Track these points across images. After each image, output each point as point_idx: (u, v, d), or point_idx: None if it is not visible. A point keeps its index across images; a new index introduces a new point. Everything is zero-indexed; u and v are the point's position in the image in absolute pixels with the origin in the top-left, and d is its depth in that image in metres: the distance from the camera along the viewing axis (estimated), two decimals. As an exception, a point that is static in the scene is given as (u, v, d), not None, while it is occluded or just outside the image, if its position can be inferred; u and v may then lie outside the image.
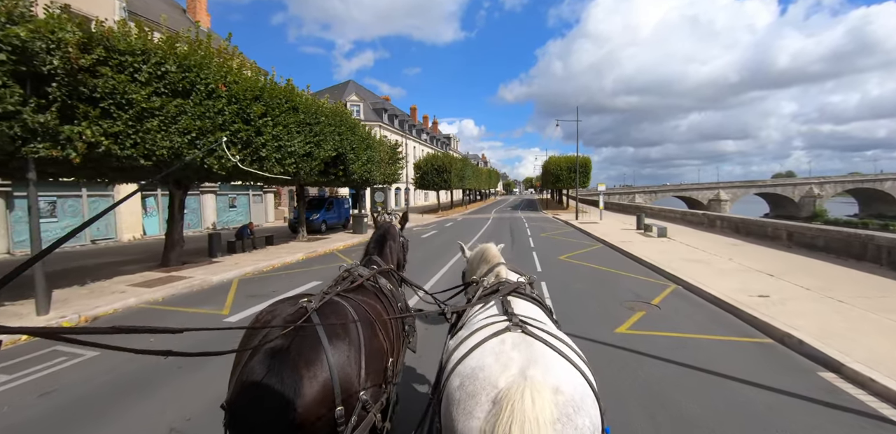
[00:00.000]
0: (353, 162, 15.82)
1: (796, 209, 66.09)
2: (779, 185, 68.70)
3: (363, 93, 48.46)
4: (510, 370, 1.57)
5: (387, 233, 3.40)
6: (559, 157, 40.28)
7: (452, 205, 46.50)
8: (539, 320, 2.00)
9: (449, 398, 1.66)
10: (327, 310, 1.94)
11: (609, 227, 20.03)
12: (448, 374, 1.74)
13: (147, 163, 8.09)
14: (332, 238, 17.32)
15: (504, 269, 2.89)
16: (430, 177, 37.80)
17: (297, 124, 12.10)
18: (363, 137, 16.85)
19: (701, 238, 15.01)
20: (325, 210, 20.13)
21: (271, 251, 13.54)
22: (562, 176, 38.64)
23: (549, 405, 1.43)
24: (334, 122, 14.42)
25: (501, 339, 1.75)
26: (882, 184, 65.97)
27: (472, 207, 48.96)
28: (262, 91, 10.68)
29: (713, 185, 72.49)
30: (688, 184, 77.51)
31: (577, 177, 29.32)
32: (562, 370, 1.61)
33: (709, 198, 70.14)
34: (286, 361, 1.62)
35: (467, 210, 43.51)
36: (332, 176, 15.59)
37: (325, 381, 1.66)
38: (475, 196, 67.17)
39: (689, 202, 70.88)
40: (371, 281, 2.64)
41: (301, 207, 16.60)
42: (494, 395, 1.50)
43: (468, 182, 44.50)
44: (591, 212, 29.19)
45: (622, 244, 13.83)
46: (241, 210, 23.72)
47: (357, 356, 1.83)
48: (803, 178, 72.28)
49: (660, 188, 74.93)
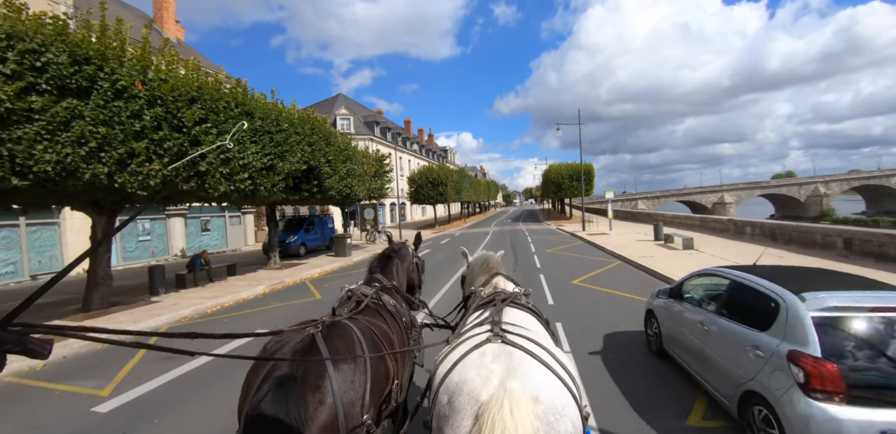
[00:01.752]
0: (328, 176, 13.84)
1: (803, 209, 66.22)
2: (784, 186, 68.34)
3: (353, 106, 47.02)
4: (491, 383, 1.63)
5: (395, 252, 3.46)
6: (560, 165, 38.38)
7: (450, 219, 44.44)
8: (526, 328, 2.04)
9: (439, 414, 1.72)
10: (333, 334, 1.99)
11: (622, 238, 17.92)
12: (436, 390, 1.81)
13: (22, 183, 6.10)
14: (310, 263, 15.21)
15: (502, 279, 2.91)
16: (425, 190, 35.85)
17: (253, 133, 10.17)
18: (341, 148, 14.92)
19: (735, 249, 12.89)
20: (305, 231, 18.05)
21: (229, 284, 11.43)
22: (564, 184, 36.65)
23: (530, 416, 1.47)
24: (303, 130, 12.52)
25: (482, 352, 1.81)
26: (889, 180, 65.75)
27: (471, 220, 46.90)
28: (201, 92, 8.77)
29: (717, 187, 72.05)
30: (691, 188, 76.80)
31: (581, 184, 27.30)
32: (541, 379, 1.65)
33: (713, 201, 69.60)
34: (292, 391, 1.65)
35: (466, 223, 41.43)
36: (304, 193, 13.61)
37: (329, 410, 1.70)
38: (474, 209, 65.23)
39: (692, 206, 69.78)
40: (374, 299, 2.64)
41: (271, 229, 14.55)
42: (477, 409, 1.56)
43: (466, 194, 42.52)
44: (597, 221, 27.12)
45: (644, 260, 11.72)
46: (216, 234, 21.66)
47: (362, 380, 1.87)
48: (808, 177, 71.66)
49: (662, 193, 73.97)
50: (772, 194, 69.97)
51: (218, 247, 21.64)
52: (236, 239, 22.75)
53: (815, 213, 62.97)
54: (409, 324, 2.81)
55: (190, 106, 8.49)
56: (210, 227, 21.46)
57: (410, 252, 3.67)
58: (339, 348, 1.92)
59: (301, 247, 17.43)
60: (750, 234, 14.86)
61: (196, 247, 20.70)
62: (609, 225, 22.17)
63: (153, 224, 18.17)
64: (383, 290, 2.85)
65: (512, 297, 2.46)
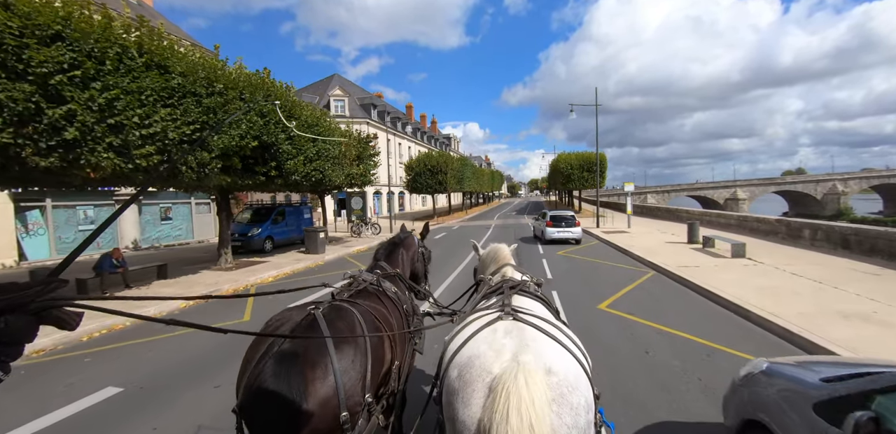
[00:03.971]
0: (289, 156, 11.11)
1: (819, 207, 65.62)
2: (800, 182, 66.96)
3: (350, 87, 43.88)
4: (503, 356, 1.61)
5: (401, 240, 3.45)
6: (570, 154, 35.28)
7: (451, 210, 41.70)
8: (535, 311, 2.01)
9: (449, 389, 1.68)
10: (334, 315, 1.99)
11: (647, 238, 15.14)
12: (446, 365, 1.78)
13: None
14: (272, 262, 12.59)
15: (510, 269, 2.95)
16: (423, 179, 33.05)
17: (162, 93, 7.42)
18: (309, 123, 12.13)
19: (805, 260, 10.09)
20: (273, 222, 15.35)
21: (150, 291, 8.84)
22: (573, 175, 33.64)
23: (543, 386, 1.46)
24: (252, 97, 9.77)
25: (494, 328, 1.81)
26: None
27: (473, 212, 44.15)
28: (69, 27, 6.02)
29: (729, 183, 70.77)
30: (703, 182, 75.08)
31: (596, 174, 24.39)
32: (553, 353, 1.65)
33: (725, 196, 68.46)
34: (293, 366, 1.63)
35: (467, 215, 38.70)
36: (260, 176, 10.92)
37: (329, 386, 1.68)
38: (477, 199, 62.38)
39: (703, 202, 68.25)
40: (375, 285, 2.65)
41: (222, 221, 11.91)
42: (490, 381, 1.53)
43: (468, 184, 39.58)
44: (611, 217, 24.31)
45: (688, 273, 9.01)
46: (179, 223, 19.05)
47: (363, 360, 1.85)
48: (826, 174, 70.10)
49: (673, 187, 72.27)
50: (786, 191, 68.44)
51: (182, 238, 19.07)
52: (205, 229, 20.11)
53: (832, 212, 61.92)
54: (410, 311, 2.83)
55: (49, 44, 5.76)
56: (172, 215, 18.85)
57: (416, 241, 3.66)
58: (340, 329, 1.91)
59: (267, 241, 14.77)
60: (809, 239, 12.05)
61: (154, 238, 18.16)
62: (627, 222, 19.37)
63: (97, 211, 15.52)
64: (386, 276, 2.85)
65: (521, 285, 2.45)
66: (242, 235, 14.31)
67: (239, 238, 14.24)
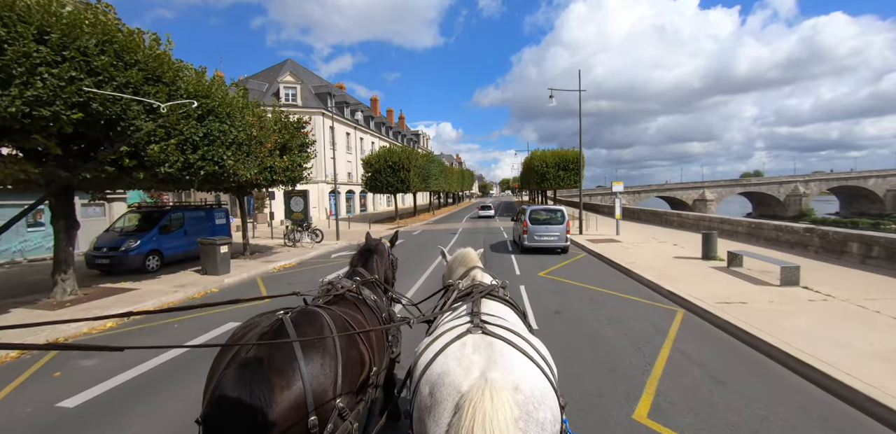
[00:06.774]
0: (151, 139, 7.39)
1: (782, 208, 68.49)
2: (764, 184, 69.26)
3: (304, 74, 39.52)
4: (472, 374, 1.61)
5: (373, 248, 3.41)
6: (545, 152, 32.46)
7: (416, 211, 38.22)
8: (504, 319, 2.06)
9: (420, 405, 1.69)
10: (303, 320, 1.94)
11: (646, 250, 12.22)
12: (417, 380, 1.78)
13: None
14: (140, 290, 8.76)
15: (479, 272, 2.94)
16: (383, 176, 29.43)
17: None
18: (194, 92, 8.40)
19: (887, 290, 7.30)
20: (161, 231, 11.38)
21: None
22: (549, 174, 30.85)
23: (510, 403, 1.48)
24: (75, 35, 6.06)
25: (463, 343, 1.79)
26: (866, 181, 68.81)
27: (440, 213, 40.80)
28: None
29: (698, 184, 72.63)
30: (672, 183, 76.33)
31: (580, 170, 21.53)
32: (521, 369, 1.65)
33: (693, 197, 69.86)
34: (258, 373, 1.58)
35: (434, 217, 35.29)
36: (107, 166, 7.19)
37: (297, 391, 1.64)
38: (446, 199, 59.07)
39: (671, 202, 68.85)
40: (353, 292, 2.62)
41: (58, 234, 8.06)
42: (458, 400, 1.54)
43: (435, 183, 36.11)
44: (594, 220, 21.56)
45: (731, 312, 5.97)
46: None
47: (333, 364, 1.80)
48: (789, 176, 73.43)
49: (643, 188, 72.82)
50: (751, 192, 71.04)
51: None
52: (93, 236, 15.79)
53: (794, 213, 62.41)
54: (387, 319, 2.78)
55: None
56: (45, 219, 14.50)
57: (387, 249, 3.65)
58: (307, 334, 1.87)
59: (151, 257, 10.80)
60: (860, 255, 9.36)
61: (15, 250, 13.81)
62: (616, 227, 16.55)
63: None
64: (365, 283, 2.82)
65: (489, 290, 2.49)
66: (112, 250, 10.34)
67: (106, 254, 10.29)
